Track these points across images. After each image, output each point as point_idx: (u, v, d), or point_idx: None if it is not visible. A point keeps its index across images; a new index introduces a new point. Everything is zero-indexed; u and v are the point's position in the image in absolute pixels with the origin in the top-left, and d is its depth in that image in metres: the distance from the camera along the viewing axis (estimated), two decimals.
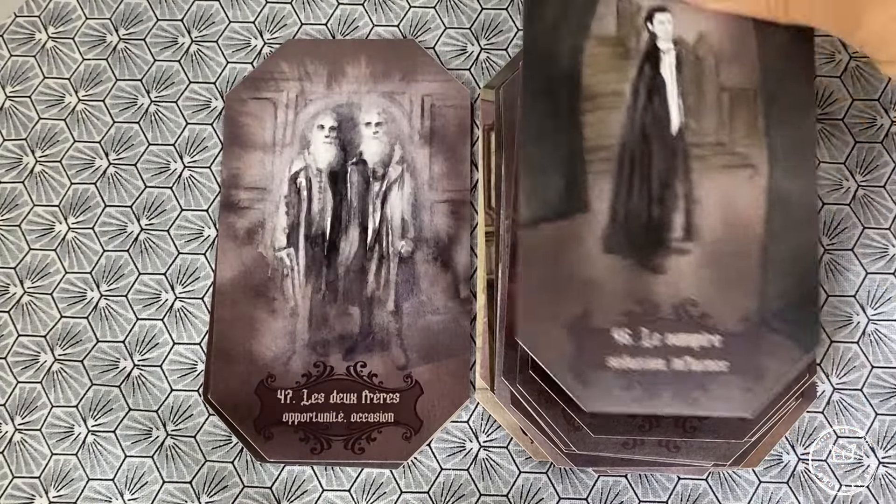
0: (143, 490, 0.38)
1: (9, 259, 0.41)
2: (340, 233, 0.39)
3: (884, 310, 0.38)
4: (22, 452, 0.39)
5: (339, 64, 0.40)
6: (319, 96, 0.40)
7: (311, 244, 0.39)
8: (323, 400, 0.37)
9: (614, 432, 0.35)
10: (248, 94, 0.40)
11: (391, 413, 0.37)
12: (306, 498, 0.38)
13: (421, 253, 0.39)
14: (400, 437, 0.37)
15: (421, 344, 0.38)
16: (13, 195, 0.41)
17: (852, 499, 0.37)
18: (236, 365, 0.38)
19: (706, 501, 0.37)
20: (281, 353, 0.38)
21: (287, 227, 0.39)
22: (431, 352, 0.38)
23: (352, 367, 0.38)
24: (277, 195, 0.39)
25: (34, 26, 0.43)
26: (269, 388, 0.37)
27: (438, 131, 0.40)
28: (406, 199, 0.39)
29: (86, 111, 0.42)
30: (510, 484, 0.38)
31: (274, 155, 0.40)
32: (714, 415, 0.32)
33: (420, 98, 0.40)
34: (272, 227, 0.39)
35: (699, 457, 0.36)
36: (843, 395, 0.38)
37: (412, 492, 0.38)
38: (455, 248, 0.39)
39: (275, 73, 0.40)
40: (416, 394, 0.38)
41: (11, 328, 0.40)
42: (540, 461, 0.38)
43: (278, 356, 0.38)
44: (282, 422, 0.37)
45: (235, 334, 0.38)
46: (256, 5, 0.43)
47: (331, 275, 0.39)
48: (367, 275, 0.39)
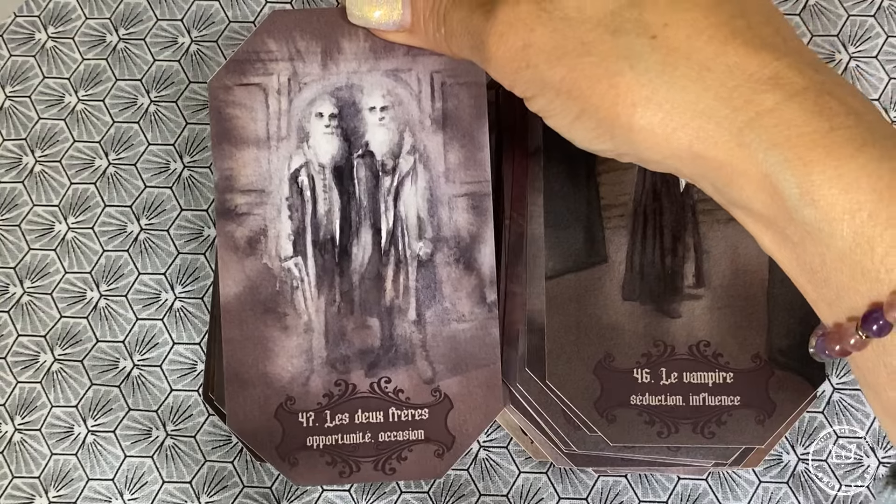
0: (142, 490, 0.38)
1: (9, 259, 0.41)
2: (351, 236, 0.35)
3: None
4: (22, 452, 0.39)
5: (334, 38, 0.35)
6: (315, 78, 0.35)
7: (320, 251, 0.35)
8: (348, 420, 0.35)
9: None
10: (234, 80, 0.35)
11: (421, 430, 0.35)
12: (306, 498, 0.38)
13: (441, 255, 0.35)
14: (432, 454, 0.35)
15: (447, 355, 0.35)
16: (13, 195, 0.41)
17: (852, 499, 0.37)
18: (252, 389, 0.35)
19: (706, 501, 0.37)
20: (298, 373, 0.35)
21: (292, 233, 0.35)
22: (459, 363, 0.35)
23: (375, 384, 0.35)
24: (278, 197, 0.35)
25: (34, 26, 0.43)
26: (290, 411, 0.35)
27: (452, 114, 0.35)
28: (421, 194, 0.35)
29: (86, 111, 0.42)
30: (510, 484, 0.38)
31: (270, 151, 0.35)
32: (730, 447, 0.36)
33: (429, 75, 0.35)
34: (275, 234, 0.35)
35: (699, 457, 0.36)
36: (843, 395, 0.38)
37: (412, 492, 0.38)
38: (478, 248, 0.35)
39: (261, 53, 0.35)
40: (446, 408, 0.35)
41: (11, 328, 0.40)
42: (540, 461, 0.38)
43: (296, 377, 0.35)
44: (306, 446, 0.35)
45: (247, 356, 0.35)
46: (256, 5, 0.43)
47: (345, 284, 0.35)
48: (384, 282, 0.35)
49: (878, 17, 0.41)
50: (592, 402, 0.36)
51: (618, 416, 0.36)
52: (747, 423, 0.35)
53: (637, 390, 0.36)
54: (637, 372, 0.36)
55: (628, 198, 0.38)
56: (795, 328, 0.36)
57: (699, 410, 0.36)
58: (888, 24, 0.41)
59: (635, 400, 0.36)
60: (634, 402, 0.36)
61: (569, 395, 0.36)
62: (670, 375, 0.36)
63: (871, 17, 0.41)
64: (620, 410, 0.36)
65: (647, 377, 0.36)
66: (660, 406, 0.36)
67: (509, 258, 0.38)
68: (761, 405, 0.35)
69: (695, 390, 0.36)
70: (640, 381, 0.36)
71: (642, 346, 0.36)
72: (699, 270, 0.37)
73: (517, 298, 0.37)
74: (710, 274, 0.37)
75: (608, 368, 0.36)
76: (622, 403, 0.36)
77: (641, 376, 0.36)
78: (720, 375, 0.36)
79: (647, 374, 0.36)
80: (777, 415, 0.36)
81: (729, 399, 0.36)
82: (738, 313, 0.37)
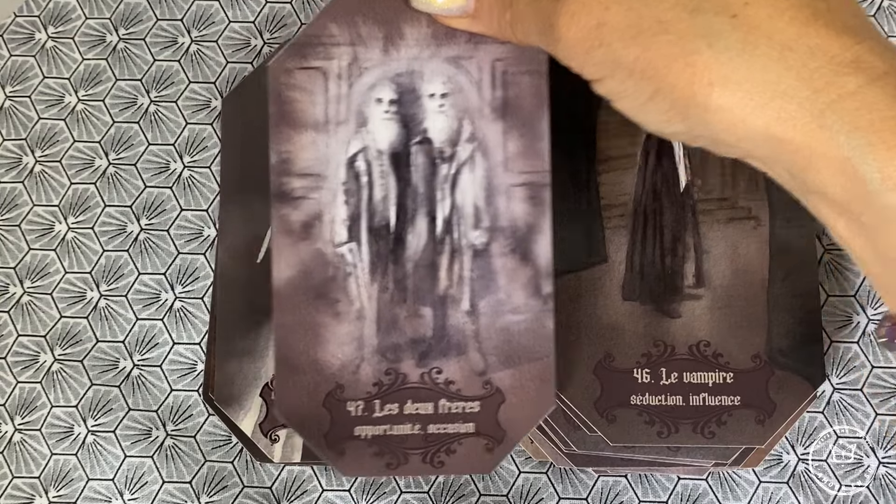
0: (142, 490, 0.38)
1: (9, 259, 0.41)
2: (407, 224, 0.35)
3: (884, 309, 0.38)
4: (22, 452, 0.39)
5: (396, 24, 0.35)
6: (375, 63, 0.35)
7: (374, 237, 0.35)
8: (397, 411, 0.34)
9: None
10: (294, 64, 0.34)
11: (472, 423, 0.34)
12: (306, 498, 0.38)
13: (497, 244, 0.35)
14: (482, 448, 0.34)
15: (501, 347, 0.34)
16: (13, 195, 0.41)
17: (852, 499, 0.37)
18: (301, 375, 0.34)
19: (706, 501, 0.37)
20: (349, 360, 0.34)
21: (347, 218, 0.35)
22: (512, 355, 0.34)
23: (426, 374, 0.34)
24: (335, 182, 0.35)
25: (34, 26, 0.43)
26: (339, 399, 0.34)
27: (512, 102, 0.35)
28: (478, 183, 0.35)
29: (86, 111, 0.42)
30: (510, 484, 0.38)
31: (328, 135, 0.35)
32: (730, 447, 0.36)
33: (490, 63, 0.34)
34: (331, 218, 0.35)
35: (699, 457, 0.36)
36: (843, 395, 0.38)
37: (412, 492, 0.38)
38: (534, 239, 0.34)
39: (323, 38, 0.34)
40: (498, 401, 0.34)
41: (11, 328, 0.40)
42: (540, 461, 0.38)
43: (346, 364, 0.34)
44: (354, 436, 0.34)
45: (298, 342, 0.34)
46: (256, 5, 0.43)
47: (398, 272, 0.35)
48: (438, 271, 0.35)
49: (878, 17, 0.41)
50: (592, 402, 0.36)
51: (618, 417, 0.36)
52: (747, 423, 0.35)
53: (637, 390, 0.36)
54: (637, 372, 0.36)
55: (628, 198, 0.38)
56: (795, 328, 0.36)
57: (699, 410, 0.36)
58: (888, 25, 0.41)
59: (635, 400, 0.36)
60: (634, 403, 0.36)
61: (569, 395, 0.36)
62: (670, 375, 0.36)
63: (871, 17, 0.41)
64: (620, 410, 0.36)
65: (648, 377, 0.36)
66: (660, 406, 0.36)
67: None
68: (761, 405, 0.36)
69: (695, 390, 0.36)
70: (640, 381, 0.36)
71: (642, 346, 0.37)
72: (699, 270, 0.37)
73: None
74: (710, 274, 0.37)
75: (608, 368, 0.36)
76: (622, 403, 0.36)
77: (641, 376, 0.36)
78: (720, 375, 0.36)
79: (647, 374, 0.36)
80: (777, 415, 0.36)
81: (729, 399, 0.36)
82: (738, 313, 0.37)
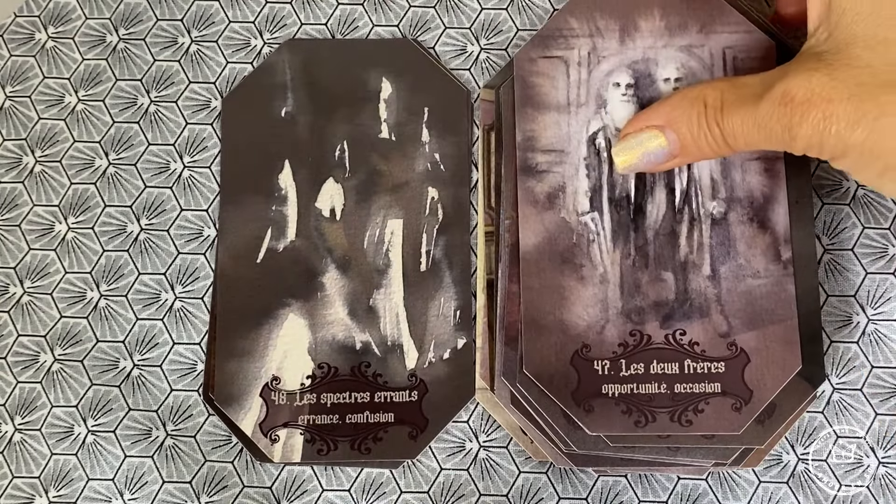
0: (142, 490, 0.38)
1: (9, 259, 0.41)
2: (646, 195, 0.37)
3: (884, 310, 0.38)
4: (22, 452, 0.39)
5: (631, 17, 0.38)
6: (612, 52, 0.38)
7: (615, 207, 0.37)
8: (643, 370, 0.36)
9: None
10: (538, 53, 0.38)
11: (717, 383, 0.36)
12: (306, 498, 0.38)
13: (734, 213, 0.37)
14: (730, 407, 0.35)
15: (743, 310, 0.36)
16: (13, 195, 0.41)
17: (852, 499, 0.37)
18: (548, 335, 0.36)
19: (706, 501, 0.37)
20: (594, 322, 0.36)
21: (589, 189, 0.37)
22: (755, 318, 0.36)
23: (670, 336, 0.36)
24: (576, 157, 0.38)
25: (34, 26, 0.43)
26: (585, 358, 0.36)
27: None
28: None
29: (86, 111, 0.42)
30: (510, 484, 0.38)
31: (569, 115, 0.38)
32: (730, 447, 0.36)
33: (721, 51, 0.38)
34: (573, 190, 0.37)
35: (699, 457, 0.36)
36: (843, 395, 0.38)
37: (412, 492, 0.38)
38: (772, 208, 0.37)
39: (563, 31, 0.38)
40: (743, 362, 0.36)
41: (11, 328, 0.40)
42: (540, 461, 0.38)
43: (592, 325, 0.36)
44: (602, 394, 0.36)
45: (545, 303, 0.37)
46: (256, 5, 0.43)
47: (639, 239, 0.37)
48: (678, 238, 0.37)
49: None
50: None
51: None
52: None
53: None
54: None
55: None
56: None
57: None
58: None
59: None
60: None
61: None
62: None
63: None
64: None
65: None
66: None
67: (509, 258, 0.38)
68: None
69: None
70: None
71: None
72: None
73: (517, 298, 0.37)
74: None
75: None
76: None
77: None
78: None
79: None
80: (777, 415, 0.36)
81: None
82: None
